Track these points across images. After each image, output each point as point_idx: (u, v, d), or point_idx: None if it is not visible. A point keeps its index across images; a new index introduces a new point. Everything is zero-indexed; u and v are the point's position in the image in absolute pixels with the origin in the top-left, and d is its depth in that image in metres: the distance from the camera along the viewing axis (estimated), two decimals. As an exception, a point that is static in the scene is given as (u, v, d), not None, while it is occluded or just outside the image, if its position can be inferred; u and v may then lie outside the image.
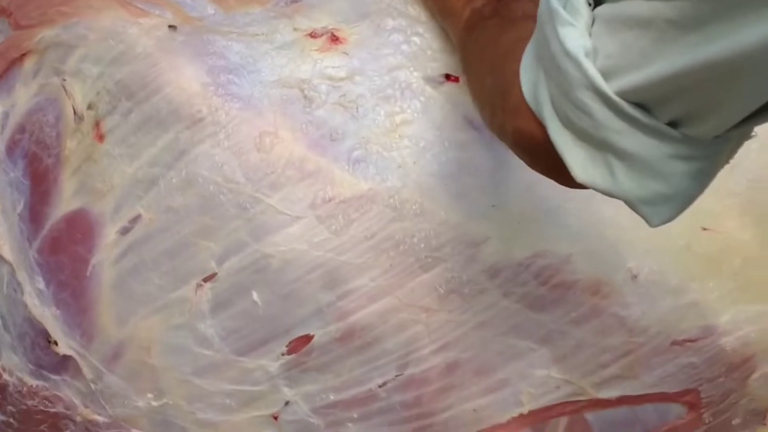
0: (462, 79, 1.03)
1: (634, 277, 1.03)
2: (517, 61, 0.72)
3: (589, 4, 0.66)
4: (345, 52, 1.05)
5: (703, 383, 1.06)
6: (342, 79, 1.03)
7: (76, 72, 1.05)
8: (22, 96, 1.09)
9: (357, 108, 1.02)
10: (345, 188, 1.00)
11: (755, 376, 1.07)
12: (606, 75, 0.63)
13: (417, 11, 1.08)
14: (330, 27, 1.07)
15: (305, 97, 1.02)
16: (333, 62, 1.04)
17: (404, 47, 1.06)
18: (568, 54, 0.64)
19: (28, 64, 1.08)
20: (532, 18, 0.87)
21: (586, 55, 0.64)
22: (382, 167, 1.01)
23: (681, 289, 1.04)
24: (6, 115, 1.09)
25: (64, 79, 1.06)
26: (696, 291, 1.04)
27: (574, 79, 0.64)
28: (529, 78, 0.70)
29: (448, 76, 1.04)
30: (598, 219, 1.03)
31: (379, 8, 1.08)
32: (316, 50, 1.05)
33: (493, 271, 1.01)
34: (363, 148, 1.01)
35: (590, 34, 0.65)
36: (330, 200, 1.00)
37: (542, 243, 1.02)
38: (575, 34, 0.64)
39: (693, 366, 1.05)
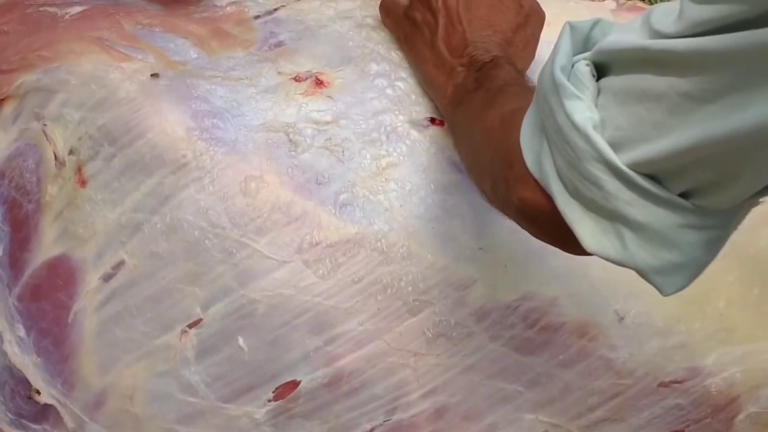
0: (441, 109, 1.03)
1: (621, 319, 1.03)
2: (516, 130, 0.72)
3: (593, 75, 0.66)
4: (330, 96, 1.05)
5: (690, 425, 1.06)
6: (327, 123, 1.03)
7: (57, 117, 1.04)
8: (1, 142, 1.07)
9: (343, 151, 1.02)
10: (332, 232, 1.00)
11: (741, 416, 1.07)
12: (616, 147, 0.63)
13: (400, 57, 1.09)
14: (314, 71, 1.07)
15: (290, 141, 1.02)
16: (318, 106, 1.04)
17: (389, 91, 1.06)
18: (576, 127, 0.64)
19: (7, 109, 1.07)
20: (515, 83, 0.88)
21: (594, 127, 0.64)
22: (368, 211, 1.01)
23: (667, 331, 1.04)
24: (-15, 159, 1.08)
25: (45, 124, 1.05)
26: (682, 333, 1.04)
27: (583, 152, 0.64)
28: (531, 148, 0.70)
29: (432, 120, 1.05)
30: (584, 261, 1.01)
31: (362, 53, 1.09)
32: (300, 94, 1.05)
33: (480, 314, 1.01)
34: (349, 191, 1.01)
35: (596, 105, 0.65)
36: (317, 244, 0.99)
37: (529, 285, 1.02)
38: (582, 107, 0.64)
39: (680, 407, 1.05)
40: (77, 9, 1.09)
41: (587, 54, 0.67)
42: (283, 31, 1.10)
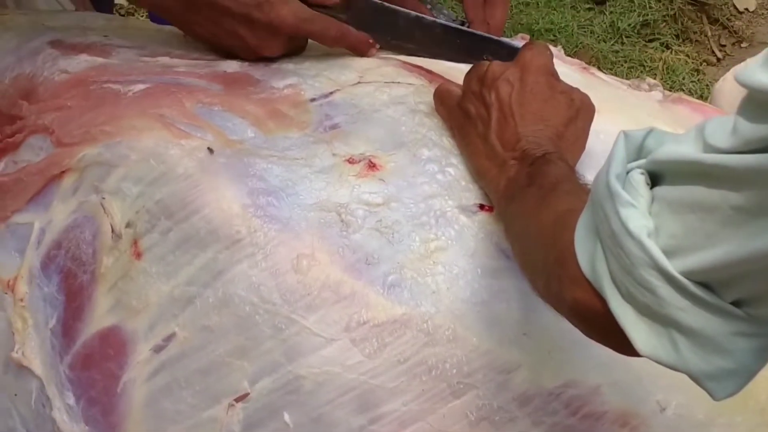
0: (494, 202, 1.05)
1: (663, 410, 1.03)
2: (569, 231, 0.74)
3: (648, 184, 0.68)
4: (382, 179, 1.07)
5: None
6: (378, 205, 1.05)
7: (116, 191, 1.07)
8: (60, 213, 1.10)
9: (393, 233, 1.04)
10: (379, 312, 1.01)
11: None
12: (669, 254, 0.65)
13: (451, 143, 1.11)
14: (367, 154, 1.09)
15: (342, 221, 1.04)
16: (370, 188, 1.06)
17: (439, 177, 1.08)
18: (630, 234, 0.66)
19: (68, 181, 1.10)
20: (567, 180, 0.91)
21: (649, 235, 0.66)
22: (416, 292, 1.02)
23: (708, 424, 1.04)
24: (42, 231, 1.11)
25: (104, 197, 1.08)
26: (723, 426, 1.05)
27: (638, 258, 0.66)
28: (585, 250, 0.72)
29: (482, 206, 1.06)
30: (627, 351, 1.04)
31: (415, 138, 1.11)
32: (353, 176, 1.07)
33: (523, 399, 1.02)
34: (398, 273, 1.03)
35: (650, 213, 0.67)
36: (364, 323, 1.01)
37: (572, 372, 1.03)
38: (637, 214, 0.67)
39: (719, 500, 1.05)
40: (140, 87, 1.13)
41: (642, 162, 0.69)
42: (338, 114, 1.13)
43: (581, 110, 1.06)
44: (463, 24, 2.21)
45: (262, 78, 1.17)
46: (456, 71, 1.22)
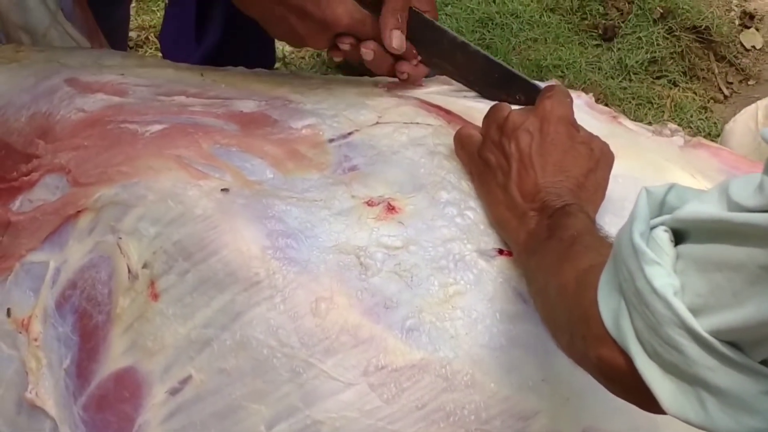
0: (514, 253, 1.04)
1: (682, 457, 1.02)
2: (592, 289, 0.74)
3: (672, 241, 0.68)
4: (401, 222, 1.07)
5: None
6: (397, 248, 1.05)
7: (133, 231, 1.07)
8: (76, 252, 1.09)
9: (411, 277, 1.04)
10: (398, 357, 1.01)
11: None
12: (696, 312, 0.65)
13: (470, 186, 1.11)
14: (386, 196, 1.09)
15: (361, 264, 1.04)
16: (389, 231, 1.06)
17: (458, 220, 1.08)
18: (656, 293, 0.66)
19: (84, 221, 1.10)
20: (588, 232, 0.90)
21: (675, 294, 0.65)
22: (434, 337, 1.02)
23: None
24: (57, 270, 1.10)
25: (120, 238, 1.07)
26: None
27: (664, 317, 0.66)
28: (609, 308, 0.72)
29: (500, 251, 1.06)
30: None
31: (433, 180, 1.11)
32: (372, 218, 1.07)
33: (542, 446, 1.01)
34: (416, 317, 1.02)
35: (675, 271, 0.66)
36: (383, 368, 1.00)
37: (591, 419, 1.02)
38: (662, 272, 0.66)
39: None
40: (157, 127, 1.12)
41: (665, 219, 0.69)
42: (357, 155, 1.13)
43: (601, 160, 1.06)
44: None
45: (279, 118, 1.17)
46: (474, 111, 1.22)
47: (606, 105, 2.29)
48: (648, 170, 1.17)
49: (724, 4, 2.69)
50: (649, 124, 2.23)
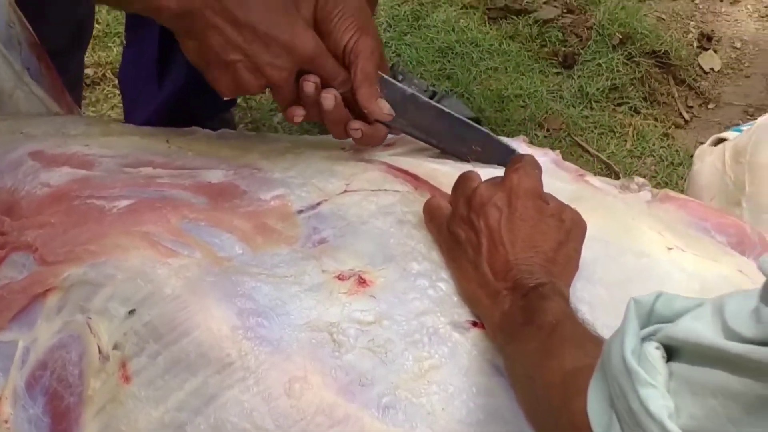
0: (488, 333, 1.04)
1: None
2: (580, 395, 0.73)
3: (664, 357, 0.68)
4: (372, 296, 1.06)
5: None
6: (370, 323, 1.04)
7: (103, 311, 1.05)
8: (45, 332, 1.08)
9: (386, 353, 1.03)
10: (374, 435, 1.00)
11: None
12: None
13: (440, 257, 1.10)
14: (357, 269, 1.08)
15: (334, 341, 1.03)
16: (361, 305, 1.05)
17: (430, 292, 1.08)
18: (651, 416, 0.66)
19: (52, 300, 1.08)
20: (566, 318, 0.90)
21: (670, 416, 0.65)
22: (411, 414, 1.01)
23: None
24: (27, 350, 1.08)
25: (90, 318, 1.06)
26: None
27: None
28: (600, 420, 0.71)
29: (474, 323, 1.06)
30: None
31: (404, 251, 1.10)
32: (344, 293, 1.06)
33: None
34: (392, 393, 1.01)
35: (669, 390, 0.66)
36: (360, 447, 1.00)
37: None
38: (656, 395, 0.66)
39: None
40: (124, 203, 1.11)
41: (659, 335, 0.69)
42: (326, 227, 1.12)
43: (572, 231, 1.06)
44: (434, 95, 2.22)
45: (248, 188, 1.16)
46: (440, 174, 1.22)
47: (569, 135, 2.31)
48: (617, 232, 1.18)
49: (682, 26, 2.72)
50: (612, 153, 2.25)
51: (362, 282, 1.07)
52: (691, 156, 2.30)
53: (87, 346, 1.06)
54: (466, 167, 1.23)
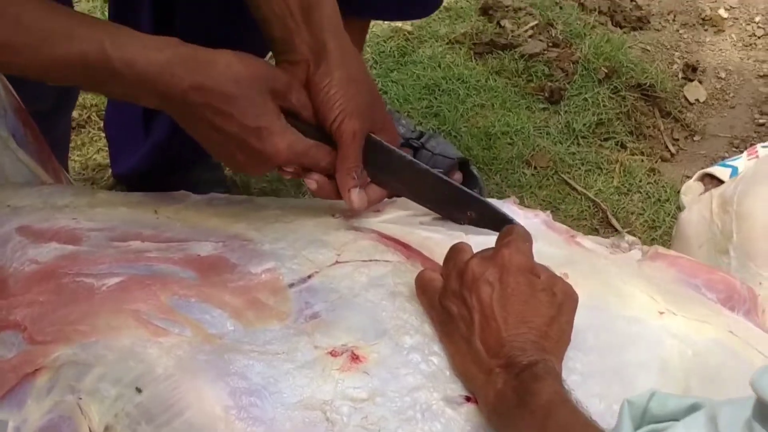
0: (483, 412, 1.04)
1: None
2: None
3: None
4: (365, 372, 1.06)
5: None
6: (363, 400, 1.04)
7: (93, 391, 1.04)
8: (35, 412, 1.07)
9: (379, 430, 1.03)
10: None
11: None
12: None
13: (432, 330, 1.10)
14: (350, 345, 1.08)
15: (328, 419, 1.02)
16: (354, 382, 1.05)
17: (423, 367, 1.07)
18: None
19: (42, 379, 1.07)
20: (561, 402, 0.90)
21: None
22: (405, 492, 1.01)
23: None
24: (17, 430, 1.07)
25: (80, 398, 1.05)
26: None
27: None
28: None
29: (467, 398, 1.05)
30: None
31: (396, 324, 1.10)
32: (336, 369, 1.06)
33: None
34: (386, 472, 1.01)
35: None
36: None
37: None
38: None
39: None
40: (114, 280, 1.10)
41: None
42: (318, 301, 1.12)
43: (564, 304, 1.06)
44: (422, 135, 2.21)
45: (238, 262, 1.15)
46: (432, 243, 1.22)
47: (556, 173, 2.31)
48: (609, 298, 1.18)
49: (667, 57, 2.72)
50: (600, 190, 2.25)
51: (355, 358, 1.07)
52: (678, 192, 2.32)
53: (78, 427, 1.05)
54: (458, 234, 1.23)
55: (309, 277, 1.14)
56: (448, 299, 1.07)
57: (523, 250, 1.08)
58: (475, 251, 1.12)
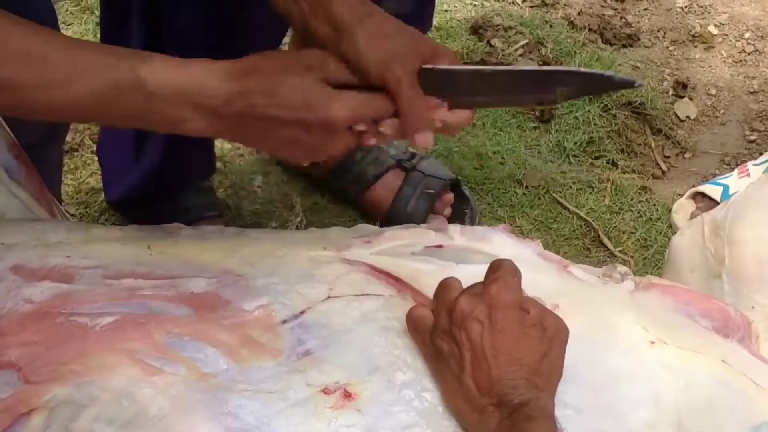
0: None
1: None
2: None
3: None
4: (358, 410, 1.07)
5: None
6: (357, 439, 1.05)
7: (88, 432, 1.05)
8: (30, 453, 1.07)
9: (373, 471, 1.03)
10: None
11: None
12: None
13: (425, 365, 1.11)
14: (342, 382, 1.08)
15: (321, 458, 1.03)
16: (347, 420, 1.06)
17: (415, 403, 1.08)
18: None
19: (36, 419, 1.07)
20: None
21: None
22: None
23: None
24: (12, 469, 1.08)
25: (75, 438, 1.05)
26: None
27: None
28: None
29: (461, 437, 1.06)
30: None
31: (388, 360, 1.11)
32: (329, 408, 1.06)
33: None
34: None
35: None
36: None
37: None
38: None
39: None
40: (108, 319, 1.11)
41: None
42: (310, 337, 1.12)
43: (554, 339, 1.07)
44: (413, 156, 2.22)
45: (231, 298, 1.16)
46: (422, 275, 1.23)
47: (547, 192, 2.32)
48: (601, 330, 1.19)
49: (657, 74, 2.73)
50: (591, 209, 2.26)
51: (348, 395, 1.07)
52: (670, 210, 2.33)
53: (72, 468, 1.05)
54: (448, 264, 1.24)
55: (301, 312, 1.15)
56: (438, 337, 1.07)
57: (511, 285, 1.08)
58: (465, 281, 1.12)
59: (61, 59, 1.08)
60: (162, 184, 2.05)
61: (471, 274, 1.17)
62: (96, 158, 2.26)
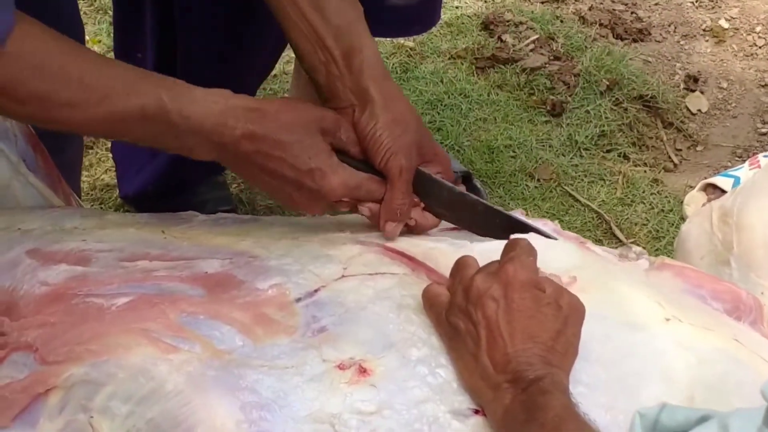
0: (492, 428, 1.05)
1: None
2: None
3: None
4: (373, 385, 1.07)
5: None
6: (371, 413, 1.05)
7: (105, 410, 1.06)
8: (47, 431, 1.08)
9: (387, 443, 1.04)
10: None
11: None
12: None
13: (439, 342, 1.11)
14: (357, 358, 1.09)
15: (336, 432, 1.04)
16: (362, 395, 1.06)
17: (430, 379, 1.08)
18: None
19: (54, 399, 1.08)
20: (570, 417, 0.91)
21: None
22: (413, 504, 1.02)
23: None
24: (30, 450, 1.09)
25: (92, 416, 1.06)
26: None
27: None
28: None
29: (476, 411, 1.06)
30: None
31: (403, 337, 1.11)
32: (345, 383, 1.07)
33: None
34: (394, 484, 1.02)
35: None
36: None
37: None
38: None
39: None
40: (123, 300, 1.12)
41: None
42: (325, 315, 1.13)
43: (570, 317, 1.07)
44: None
45: (245, 278, 1.17)
46: (437, 252, 1.23)
47: (559, 185, 2.32)
48: (615, 305, 1.18)
49: (669, 68, 2.74)
50: (603, 202, 2.26)
51: (362, 371, 1.08)
52: (681, 202, 2.33)
53: (90, 445, 1.06)
54: (462, 243, 1.24)
55: (316, 291, 1.16)
56: (454, 315, 1.08)
57: (527, 264, 1.09)
58: (480, 258, 1.13)
59: (94, 81, 1.14)
60: (175, 179, 2.06)
61: (485, 249, 1.17)
62: (110, 155, 2.28)
